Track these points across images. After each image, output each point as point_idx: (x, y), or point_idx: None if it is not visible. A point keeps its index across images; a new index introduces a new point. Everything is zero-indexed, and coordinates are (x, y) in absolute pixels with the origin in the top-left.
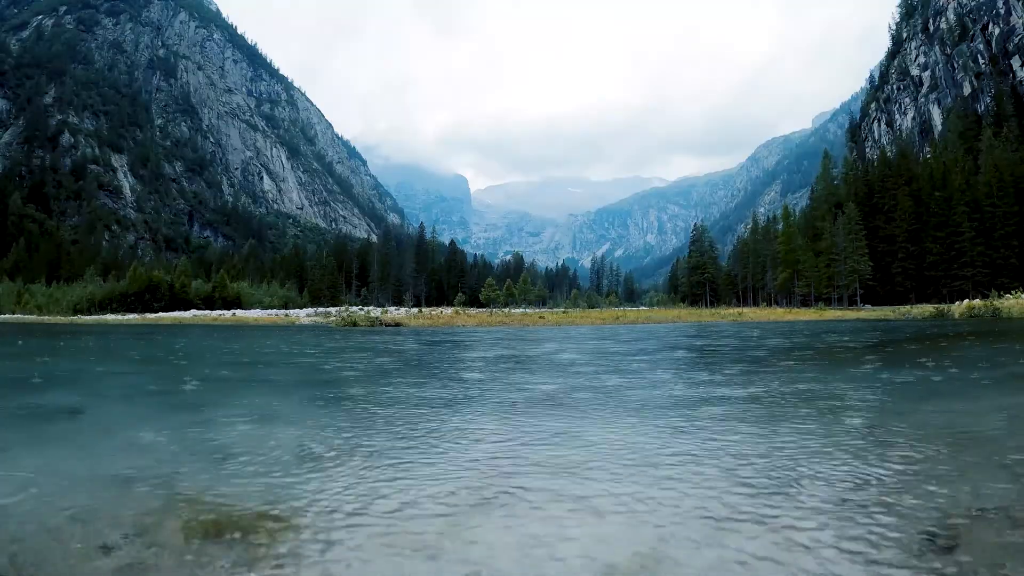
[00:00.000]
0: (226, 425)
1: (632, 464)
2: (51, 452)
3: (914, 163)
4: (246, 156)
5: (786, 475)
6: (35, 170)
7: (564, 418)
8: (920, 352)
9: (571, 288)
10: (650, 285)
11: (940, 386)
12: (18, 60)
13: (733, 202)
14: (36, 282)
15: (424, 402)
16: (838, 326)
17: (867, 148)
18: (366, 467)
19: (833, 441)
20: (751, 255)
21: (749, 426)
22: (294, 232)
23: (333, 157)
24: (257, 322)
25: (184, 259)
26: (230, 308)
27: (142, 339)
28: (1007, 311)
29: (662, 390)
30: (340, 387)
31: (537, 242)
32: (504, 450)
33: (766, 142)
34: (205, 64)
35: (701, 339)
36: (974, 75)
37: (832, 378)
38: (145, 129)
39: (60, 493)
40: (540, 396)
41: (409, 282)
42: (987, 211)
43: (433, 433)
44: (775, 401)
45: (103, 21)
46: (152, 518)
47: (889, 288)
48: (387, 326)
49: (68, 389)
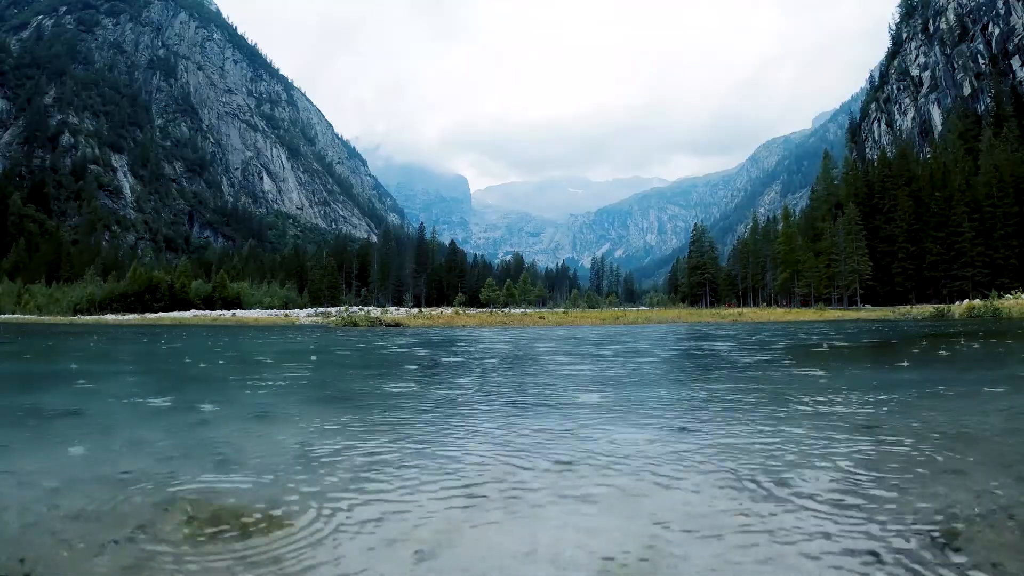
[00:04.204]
0: (226, 425)
1: (633, 463)
2: (51, 452)
3: (914, 163)
4: (246, 156)
5: (785, 475)
6: (35, 170)
7: (564, 418)
8: (920, 352)
9: (571, 288)
10: (650, 285)
11: (940, 386)
12: (18, 60)
13: (733, 202)
14: (36, 282)
15: (424, 401)
16: (838, 326)
17: (867, 148)
18: (366, 467)
19: (832, 440)
20: (751, 255)
21: (749, 426)
22: (294, 232)
23: (333, 157)
24: (257, 322)
25: (184, 259)
26: (230, 308)
27: (142, 339)
28: (1007, 311)
29: (662, 390)
30: (340, 387)
31: (537, 242)
32: (504, 449)
33: (766, 142)
34: (205, 64)
35: (701, 339)
36: (974, 75)
37: (832, 378)
38: (145, 129)
39: (60, 493)
40: (540, 396)
41: (409, 282)
42: (987, 211)
43: (433, 432)
44: (775, 401)
45: (103, 21)
46: (152, 518)
47: (889, 288)
48: (387, 326)
49: (68, 389)
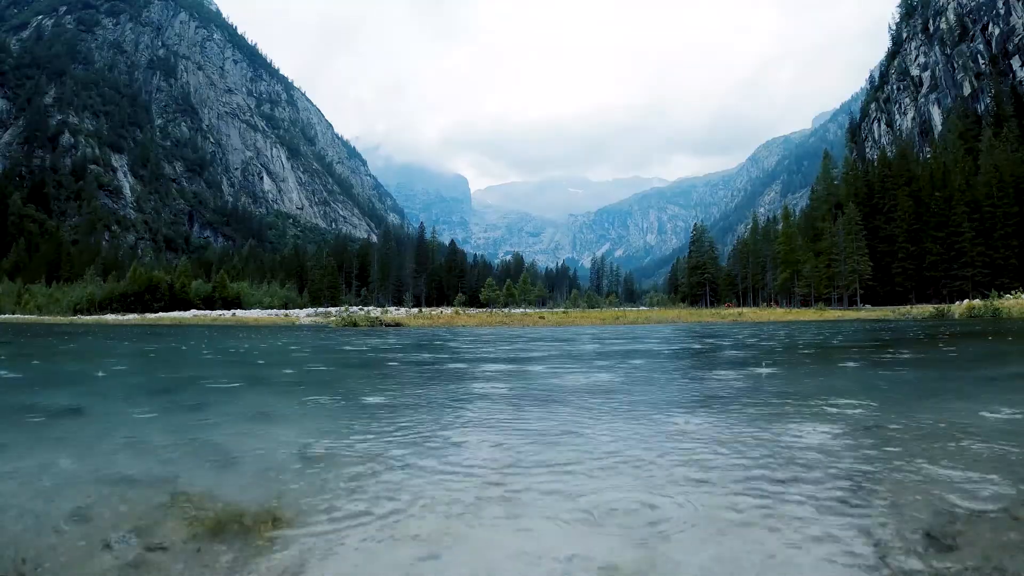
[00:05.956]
0: (226, 425)
1: (633, 463)
2: (51, 452)
3: (914, 163)
4: (246, 156)
5: (785, 474)
6: (35, 170)
7: (565, 418)
8: (920, 352)
9: (571, 288)
10: (650, 285)
11: (940, 385)
12: (18, 60)
13: (733, 202)
14: (36, 282)
15: (424, 401)
16: (838, 326)
17: (867, 148)
18: (366, 467)
19: (832, 440)
20: (751, 255)
21: (748, 426)
22: (294, 232)
23: (333, 157)
24: (257, 322)
25: (184, 259)
26: (230, 308)
27: (142, 339)
28: (1007, 311)
29: (663, 390)
30: (340, 387)
31: (537, 242)
32: (505, 449)
33: (766, 142)
34: (205, 64)
35: (701, 339)
36: (974, 75)
37: (831, 377)
38: (145, 129)
39: (60, 493)
40: (541, 396)
41: (409, 282)
42: (987, 211)
43: (433, 432)
44: (775, 400)
45: (103, 21)
46: (152, 518)
47: (889, 288)
48: (387, 326)
49: (68, 389)
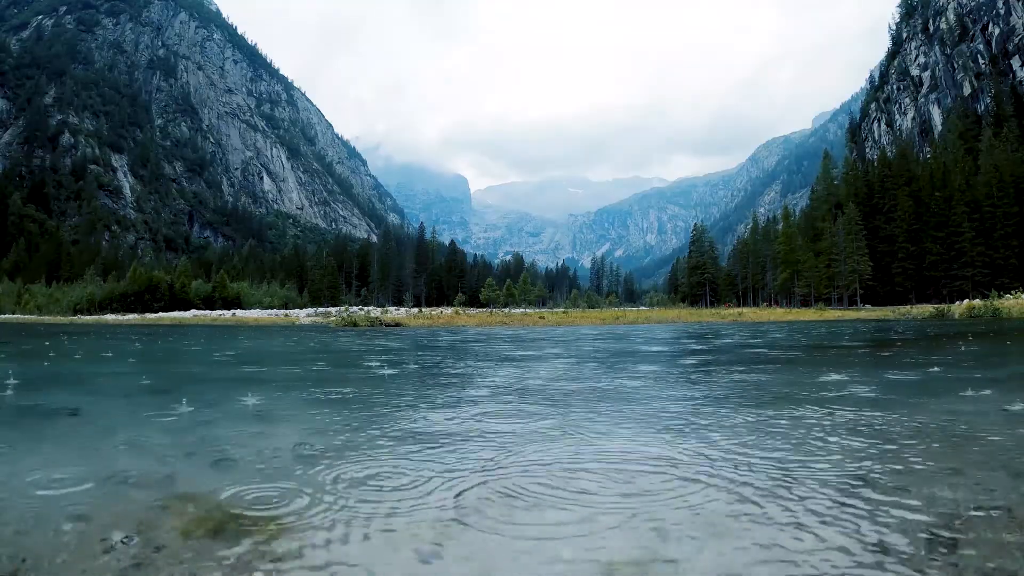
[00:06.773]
0: (226, 425)
1: (633, 464)
2: (51, 452)
3: (914, 163)
4: (246, 156)
5: (784, 475)
6: (35, 170)
7: (565, 418)
8: (920, 352)
9: (571, 288)
10: (650, 285)
11: (940, 385)
12: (18, 60)
13: (733, 202)
14: (36, 282)
15: (424, 401)
16: (838, 326)
17: (867, 148)
18: (366, 466)
19: (831, 440)
20: (751, 255)
21: (748, 426)
22: (294, 232)
23: (333, 157)
24: (257, 322)
25: (184, 259)
26: (230, 308)
27: (142, 339)
28: (1007, 311)
29: (663, 390)
30: (339, 387)
31: (537, 242)
32: (505, 449)
33: (766, 142)
34: (205, 64)
35: (701, 339)
36: (974, 75)
37: (831, 377)
38: (145, 129)
39: (60, 493)
40: (541, 396)
41: (409, 282)
42: (987, 211)
43: (433, 432)
44: (774, 400)
45: (103, 21)
46: (152, 518)
47: (889, 288)
48: (387, 326)
49: (68, 389)
